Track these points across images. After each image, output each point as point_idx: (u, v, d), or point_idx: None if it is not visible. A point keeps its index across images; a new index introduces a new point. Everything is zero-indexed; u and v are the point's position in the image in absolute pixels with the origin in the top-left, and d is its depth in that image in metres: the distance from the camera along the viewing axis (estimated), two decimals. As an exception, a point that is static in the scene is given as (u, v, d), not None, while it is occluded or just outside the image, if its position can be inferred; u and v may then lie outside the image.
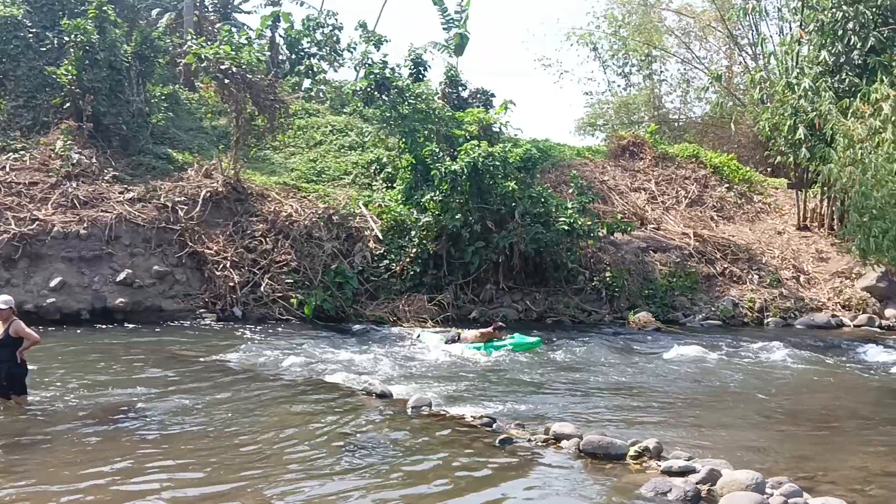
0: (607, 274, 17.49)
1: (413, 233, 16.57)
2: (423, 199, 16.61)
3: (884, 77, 16.12)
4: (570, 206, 17.10)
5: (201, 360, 11.08)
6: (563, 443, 7.03)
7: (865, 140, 15.14)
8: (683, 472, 6.11)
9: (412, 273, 16.31)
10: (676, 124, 33.08)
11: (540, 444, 7.11)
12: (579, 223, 16.66)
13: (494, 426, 7.64)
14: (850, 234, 16.01)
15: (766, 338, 14.42)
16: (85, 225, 14.91)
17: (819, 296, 18.19)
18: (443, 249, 16.36)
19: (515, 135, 20.31)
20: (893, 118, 15.19)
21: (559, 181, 20.53)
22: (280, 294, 15.24)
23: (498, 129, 19.15)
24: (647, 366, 11.72)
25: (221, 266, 15.34)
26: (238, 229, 16.16)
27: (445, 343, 12.75)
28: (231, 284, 15.12)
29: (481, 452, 6.84)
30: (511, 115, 20.72)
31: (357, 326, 14.85)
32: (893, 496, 5.87)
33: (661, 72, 33.07)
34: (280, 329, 14.10)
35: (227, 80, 16.68)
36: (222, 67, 16.54)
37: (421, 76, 19.92)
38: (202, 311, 14.84)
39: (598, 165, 22.92)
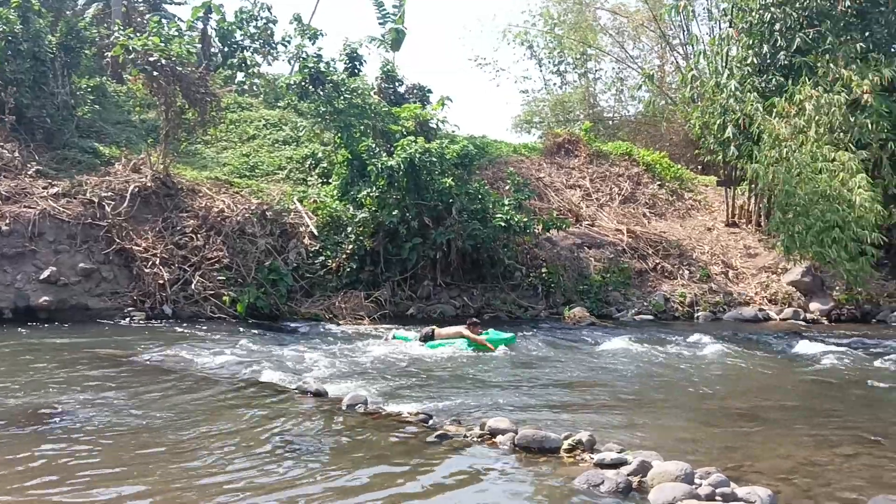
0: (543, 270, 17.67)
1: (349, 229, 16.42)
2: (359, 195, 16.47)
3: (808, 77, 16.66)
4: (506, 202, 17.20)
5: (130, 359, 10.74)
6: (499, 437, 7.01)
7: (790, 139, 15.62)
8: (615, 465, 6.15)
9: (348, 270, 16.17)
10: (611, 122, 33.62)
11: (476, 439, 7.09)
12: (516, 220, 16.76)
13: (431, 422, 7.58)
14: (775, 230, 16.48)
15: (697, 332, 14.73)
16: (7, 221, 14.35)
17: (747, 290, 18.68)
18: (380, 246, 16.26)
19: (453, 131, 20.35)
20: (816, 118, 15.75)
21: (496, 178, 20.63)
22: (212, 292, 14.92)
23: (435, 126, 19.13)
24: (583, 360, 11.84)
25: (150, 263, 14.93)
26: (168, 225, 15.76)
27: (420, 341, 12.56)
28: (160, 282, 14.74)
29: (416, 449, 6.78)
30: (448, 111, 20.77)
31: (292, 324, 14.64)
32: (816, 484, 6.02)
33: (596, 70, 33.62)
34: (212, 328, 13.79)
35: (155, 73, 16.23)
36: (151, 59, 16.08)
37: (356, 71, 19.76)
38: (130, 309, 14.43)
39: (535, 162, 23.11)
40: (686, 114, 21.15)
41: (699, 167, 26.03)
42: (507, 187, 18.46)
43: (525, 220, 17.04)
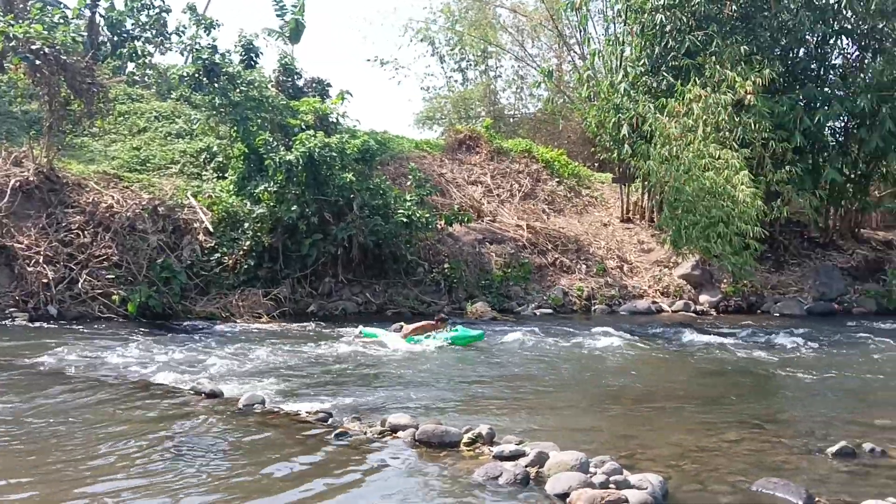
0: (446, 265, 17.73)
1: (246, 225, 16.02)
2: (256, 190, 16.07)
3: (696, 78, 17.31)
4: (408, 198, 17.16)
5: (13, 363, 10.12)
6: (400, 433, 6.99)
7: (679, 138, 16.17)
8: (514, 456, 6.23)
9: (246, 267, 15.76)
10: (511, 120, 34.07)
11: (376, 436, 7.03)
12: (418, 215, 16.75)
13: (330, 421, 7.48)
14: (665, 225, 17.03)
15: (593, 324, 15.11)
16: None
17: (641, 284, 19.30)
18: (278, 242, 15.92)
19: (353, 126, 20.13)
20: (704, 117, 16.36)
21: (398, 173, 20.57)
22: (100, 291, 14.25)
23: (335, 120, 18.88)
24: (484, 354, 11.95)
25: (33, 261, 14.14)
26: (52, 222, 14.96)
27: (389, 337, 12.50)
28: (44, 281, 13.97)
29: (315, 448, 6.67)
30: (349, 105, 20.57)
31: (187, 324, 14.16)
32: (704, 469, 6.25)
33: (497, 68, 33.99)
34: (101, 329, 13.17)
35: (38, 62, 15.33)
36: (34, 48, 15.20)
37: (253, 63, 19.27)
38: (12, 310, 13.60)
39: (436, 158, 23.18)
40: (583, 112, 21.63)
41: (596, 165, 26.69)
42: (408, 183, 18.42)
43: (427, 215, 17.05)
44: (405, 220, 16.55)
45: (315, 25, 57.28)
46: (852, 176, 21.82)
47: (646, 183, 20.70)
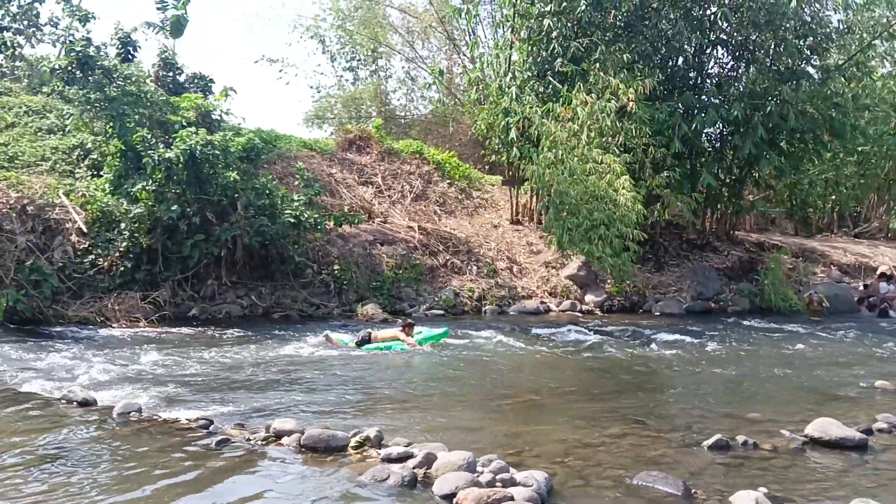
0: (335, 267, 17.47)
1: (123, 225, 15.25)
2: (133, 189, 15.31)
3: (581, 84, 17.75)
4: (296, 198, 16.80)
5: None
6: (285, 439, 6.79)
7: (565, 142, 16.53)
8: (402, 458, 6.16)
9: (123, 269, 14.99)
10: (402, 121, 34.05)
11: (260, 442, 6.80)
12: (306, 216, 16.42)
13: (211, 428, 7.17)
14: (550, 228, 17.36)
15: (484, 325, 15.24)
16: None
17: (530, 284, 19.63)
18: (158, 243, 15.23)
19: (238, 124, 19.55)
20: (589, 123, 16.79)
21: (285, 173, 20.13)
22: (-39, 296, 13.25)
23: (218, 117, 18.26)
24: (374, 357, 11.80)
25: None
26: None
27: (357, 344, 12.32)
28: None
29: (195, 456, 6.37)
30: (233, 102, 19.96)
31: (58, 329, 13.34)
32: (588, 465, 6.36)
33: (387, 68, 33.87)
34: (-40, 336, 12.24)
35: None
36: None
37: (130, 57, 18.37)
38: None
39: (326, 158, 22.84)
40: (472, 115, 21.83)
41: (486, 167, 27.01)
42: (296, 183, 18.05)
43: (316, 216, 16.74)
44: (293, 220, 16.18)
45: (199, 20, 55.54)
46: (727, 180, 22.98)
47: (534, 186, 21.09)
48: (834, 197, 31.17)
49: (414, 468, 5.93)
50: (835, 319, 17.81)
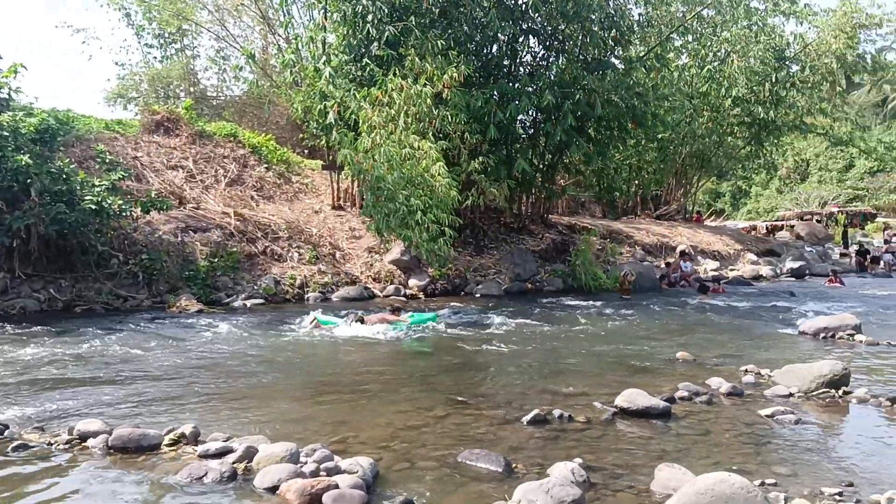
0: (144, 256, 16.45)
1: None
2: None
3: (398, 69, 17.72)
4: (98, 183, 15.61)
5: None
6: (91, 441, 6.28)
7: (382, 127, 16.43)
8: (221, 454, 5.89)
9: None
10: (215, 102, 32.64)
11: (63, 446, 6.25)
12: (109, 202, 15.31)
13: (7, 433, 6.53)
14: (368, 213, 17.31)
15: (307, 313, 14.94)
16: None
17: (353, 270, 19.50)
18: (-65, 234, 13.66)
19: (30, 104, 17.83)
20: (405, 108, 16.78)
21: (85, 157, 18.69)
22: None
23: (7, 96, 16.56)
24: (191, 350, 11.21)
25: None
26: None
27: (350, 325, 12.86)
28: None
29: (-12, 466, 5.74)
30: (23, 80, 18.16)
31: None
32: (413, 447, 6.38)
33: (196, 46, 32.27)
34: None
35: None
36: None
37: None
38: None
39: (131, 141, 21.45)
40: (289, 98, 21.24)
41: (306, 151, 26.51)
42: (97, 167, 16.76)
43: (120, 202, 15.65)
44: (94, 207, 15.02)
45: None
46: (541, 166, 23.95)
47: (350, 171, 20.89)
48: (637, 181, 33.61)
49: (234, 463, 5.69)
50: (640, 297, 19.14)
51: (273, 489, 5.27)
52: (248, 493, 5.31)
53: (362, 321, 13.25)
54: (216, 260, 17.59)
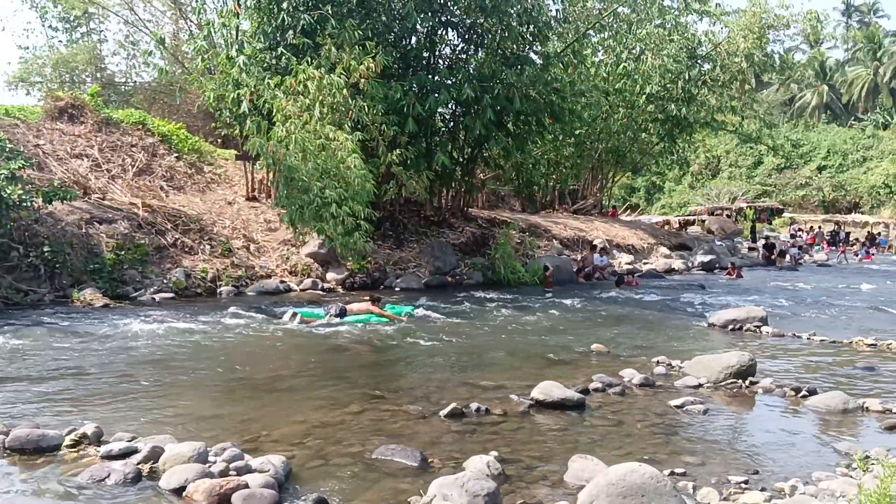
0: (46, 249, 15.66)
1: None
2: None
3: (313, 58, 17.36)
4: (-6, 172, 14.79)
5: None
6: (-17, 443, 5.94)
7: (296, 116, 16.07)
8: (125, 454, 5.67)
9: None
10: (123, 88, 31.44)
11: (-49, 450, 5.89)
12: (8, 192, 14.52)
13: None
14: (280, 205, 16.93)
15: (219, 307, 14.56)
16: None
17: (269, 263, 19.07)
18: None
19: (-80, 87, 16.80)
20: (320, 98, 16.45)
21: (-19, 144, 17.64)
22: None
23: None
24: (94, 347, 10.73)
25: None
26: None
27: (336, 316, 13.06)
28: None
29: None
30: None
31: None
32: (328, 443, 6.27)
33: (103, 31, 31.00)
34: None
35: None
36: None
37: None
38: None
39: (33, 128, 20.44)
40: (201, 85, 20.60)
41: (219, 140, 25.78)
42: (-5, 155, 15.87)
43: (20, 192, 14.87)
44: (-8, 197, 14.24)
45: None
46: (461, 160, 23.99)
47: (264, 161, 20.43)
48: (555, 176, 34.06)
49: (138, 464, 5.47)
50: (558, 290, 19.41)
51: (179, 490, 5.09)
52: (153, 496, 5.12)
53: (344, 313, 13.25)
54: (123, 252, 16.90)
